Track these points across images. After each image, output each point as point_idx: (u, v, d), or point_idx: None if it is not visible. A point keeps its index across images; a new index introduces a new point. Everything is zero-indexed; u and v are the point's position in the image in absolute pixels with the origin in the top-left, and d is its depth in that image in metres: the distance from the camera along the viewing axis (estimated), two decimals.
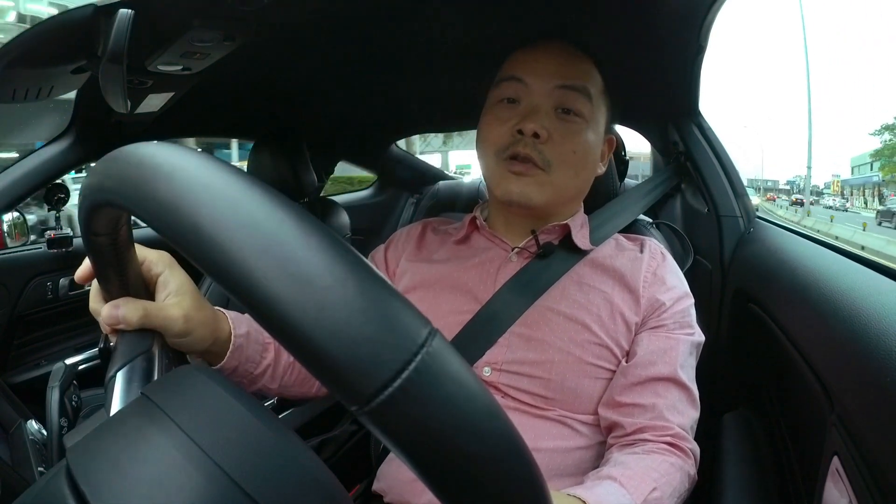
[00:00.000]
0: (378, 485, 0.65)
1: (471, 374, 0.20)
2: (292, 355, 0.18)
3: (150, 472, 0.22)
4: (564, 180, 0.62)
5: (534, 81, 0.62)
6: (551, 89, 0.61)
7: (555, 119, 0.61)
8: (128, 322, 0.39)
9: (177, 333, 0.42)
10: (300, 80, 1.01)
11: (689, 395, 0.60)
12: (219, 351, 0.50)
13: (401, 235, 0.76)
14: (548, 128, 0.60)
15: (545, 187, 0.61)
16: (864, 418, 0.40)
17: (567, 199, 0.66)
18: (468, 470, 0.18)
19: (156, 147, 0.23)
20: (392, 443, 0.18)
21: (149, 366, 0.38)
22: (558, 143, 0.61)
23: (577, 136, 0.62)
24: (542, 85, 0.61)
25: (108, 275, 0.36)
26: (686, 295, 0.65)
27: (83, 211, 0.28)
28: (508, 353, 0.61)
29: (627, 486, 0.49)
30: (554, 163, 0.61)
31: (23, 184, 0.98)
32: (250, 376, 0.55)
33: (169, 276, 0.44)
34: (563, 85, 0.61)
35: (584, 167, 0.64)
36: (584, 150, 0.62)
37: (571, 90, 0.61)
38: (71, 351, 1.35)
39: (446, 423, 0.18)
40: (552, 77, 0.61)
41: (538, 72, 0.62)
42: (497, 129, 0.62)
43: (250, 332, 0.54)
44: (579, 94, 0.62)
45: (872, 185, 31.46)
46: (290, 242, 0.19)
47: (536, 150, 0.60)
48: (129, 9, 0.54)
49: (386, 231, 1.70)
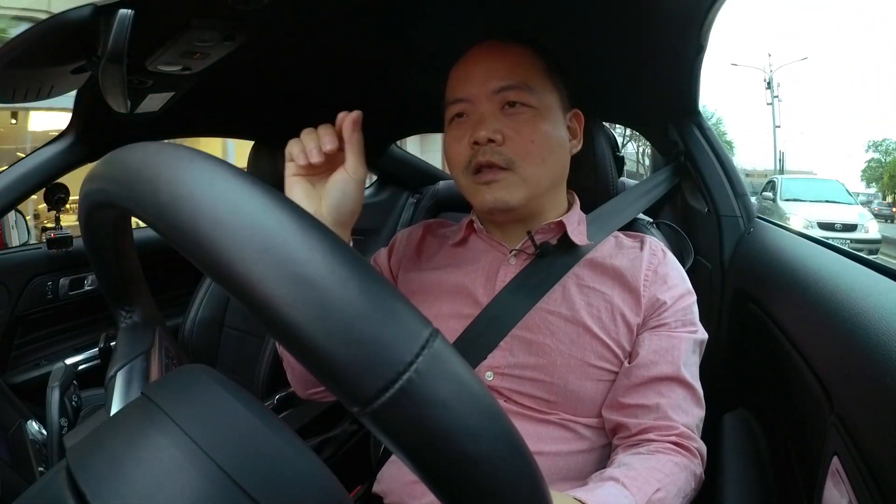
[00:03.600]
0: (378, 487, 0.65)
1: (471, 375, 0.20)
2: (293, 356, 0.18)
3: (151, 473, 0.22)
4: (533, 171, 0.62)
5: (474, 93, 0.63)
6: (490, 94, 0.62)
7: (503, 118, 0.62)
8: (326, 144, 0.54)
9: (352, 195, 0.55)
10: (300, 80, 1.01)
11: (694, 394, 0.60)
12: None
13: (402, 238, 0.76)
14: (499, 129, 0.61)
15: (517, 186, 0.62)
16: (864, 418, 0.40)
17: (546, 190, 0.65)
18: (469, 470, 0.18)
19: (156, 147, 0.23)
20: (393, 444, 0.18)
21: (149, 365, 0.38)
22: (514, 139, 0.61)
23: (529, 127, 0.62)
24: (481, 93, 0.62)
25: (109, 272, 0.36)
26: (688, 292, 0.65)
27: (83, 211, 0.28)
28: (510, 358, 0.60)
29: (630, 488, 0.49)
30: (516, 159, 0.61)
31: (23, 184, 0.98)
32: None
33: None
34: (501, 87, 0.62)
35: (548, 153, 0.63)
36: (542, 138, 0.62)
37: (510, 89, 0.62)
38: (71, 351, 1.34)
39: (447, 424, 0.18)
40: (487, 82, 0.62)
41: (473, 82, 0.63)
42: (456, 148, 0.64)
43: None
44: (519, 89, 0.62)
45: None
46: (291, 243, 0.19)
47: (496, 154, 0.61)
48: (129, 9, 0.54)
49: (386, 231, 1.70)
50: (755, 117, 38.85)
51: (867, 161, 28.54)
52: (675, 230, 0.94)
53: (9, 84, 0.68)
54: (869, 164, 28.43)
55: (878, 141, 28.11)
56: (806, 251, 0.69)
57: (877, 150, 27.82)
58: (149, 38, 0.61)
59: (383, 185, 1.78)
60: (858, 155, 30.22)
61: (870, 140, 33.96)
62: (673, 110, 0.94)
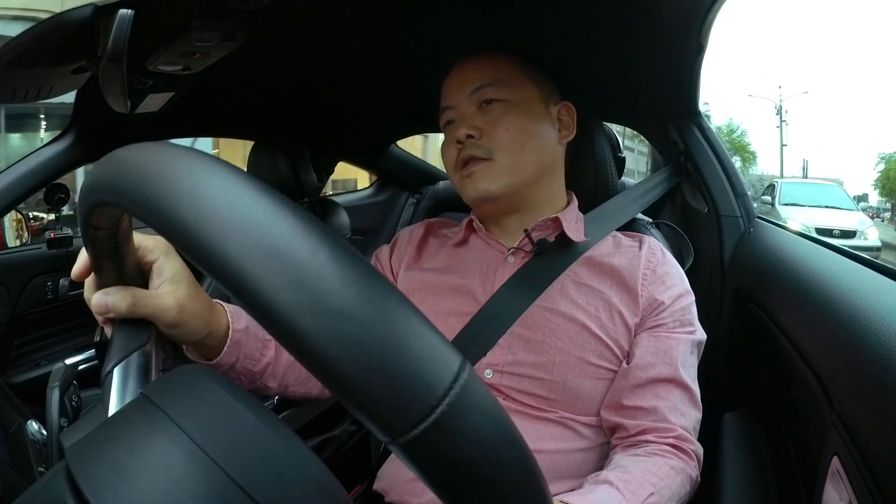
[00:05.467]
0: (378, 485, 0.65)
1: (497, 405, 0.20)
2: (327, 387, 0.18)
3: (151, 473, 0.22)
4: (512, 159, 0.65)
5: (455, 99, 0.69)
6: (468, 95, 0.67)
7: (481, 115, 0.67)
8: (116, 310, 0.37)
9: (169, 323, 0.41)
10: (300, 79, 1.01)
11: (692, 396, 0.60)
12: (215, 345, 0.49)
13: (404, 237, 0.77)
14: (476, 125, 0.65)
15: (497, 174, 0.65)
16: (864, 418, 0.40)
17: (531, 177, 0.67)
18: (490, 495, 0.19)
19: (156, 147, 0.23)
20: (423, 474, 0.19)
21: (146, 361, 0.37)
22: (490, 131, 0.65)
23: (504, 117, 0.65)
24: (461, 97, 0.68)
25: (104, 265, 0.35)
26: (686, 293, 0.65)
27: (83, 211, 0.28)
28: (509, 355, 0.61)
29: (624, 492, 0.49)
30: (494, 149, 0.65)
31: (23, 184, 0.98)
32: (249, 374, 0.54)
33: (164, 263, 0.42)
34: (476, 87, 0.67)
35: (526, 140, 0.66)
36: (517, 126, 0.65)
37: (484, 87, 0.67)
38: (71, 351, 1.34)
39: (477, 456, 0.18)
40: (465, 86, 0.68)
41: (454, 90, 0.69)
42: (447, 150, 0.69)
43: (249, 328, 0.52)
44: (493, 87, 0.66)
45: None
46: (323, 273, 0.18)
47: (476, 147, 0.65)
48: (129, 9, 0.54)
49: (386, 231, 1.70)
50: (772, 134, 41.75)
51: (879, 171, 28.93)
52: (674, 230, 0.94)
53: (9, 84, 0.68)
54: (881, 174, 28.79)
55: (888, 154, 28.65)
56: (806, 251, 0.69)
57: (887, 162, 28.21)
58: (149, 38, 0.61)
59: (383, 185, 1.78)
60: (875, 165, 31.09)
61: (880, 152, 34.57)
62: (673, 110, 0.94)
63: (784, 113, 23.93)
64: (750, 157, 29.53)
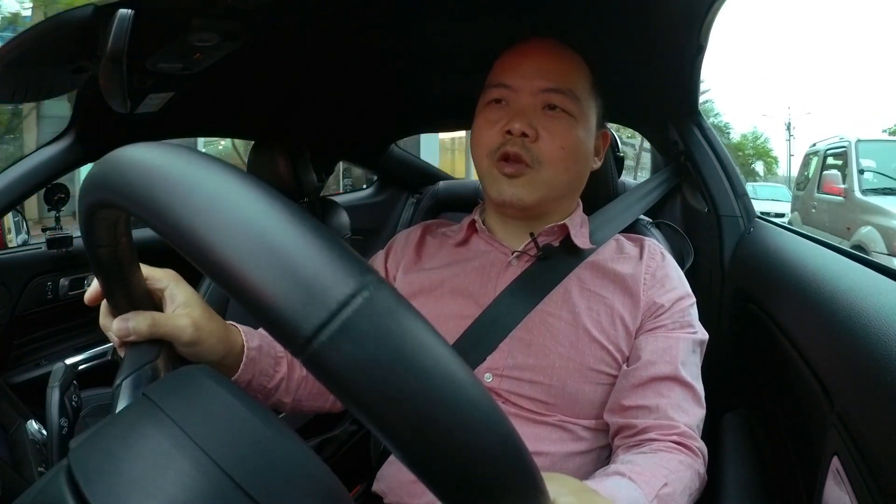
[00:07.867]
0: (378, 486, 0.65)
1: (415, 313, 0.20)
2: (237, 302, 0.19)
3: (151, 473, 0.22)
4: (554, 177, 0.62)
5: (520, 84, 0.63)
6: (536, 91, 0.62)
7: (542, 117, 0.62)
8: (138, 332, 0.40)
9: (187, 342, 0.43)
10: (300, 79, 1.01)
11: (694, 394, 0.59)
12: (231, 364, 0.52)
13: (400, 240, 0.75)
14: (535, 126, 0.61)
15: (536, 186, 0.62)
16: (864, 418, 0.40)
17: (559, 196, 0.66)
18: (412, 407, 0.18)
19: (155, 147, 0.23)
20: (334, 386, 0.18)
21: (154, 375, 0.39)
22: (546, 140, 0.61)
23: (565, 133, 0.62)
24: (528, 87, 0.62)
25: (115, 290, 0.38)
26: (686, 295, 0.65)
27: (83, 211, 0.28)
28: (509, 359, 0.60)
29: (638, 481, 0.49)
30: (543, 160, 0.61)
31: (23, 184, 0.98)
32: (264, 390, 0.56)
33: (175, 291, 0.45)
34: (548, 88, 0.62)
35: (574, 163, 0.64)
36: (572, 146, 0.63)
37: (556, 93, 0.62)
38: (71, 351, 1.34)
39: (387, 361, 0.18)
40: (537, 79, 0.62)
41: (523, 75, 0.63)
42: (487, 132, 0.64)
43: (262, 346, 0.55)
44: (565, 95, 0.62)
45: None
46: (241, 203, 0.20)
47: (525, 149, 0.61)
48: (129, 9, 0.54)
49: (386, 231, 1.70)
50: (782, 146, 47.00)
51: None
52: (675, 230, 0.94)
53: (9, 84, 0.69)
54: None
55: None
56: (806, 251, 0.69)
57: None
58: (149, 38, 0.61)
59: (383, 186, 1.78)
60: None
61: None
62: (673, 110, 0.94)
63: (792, 129, 27.13)
64: (772, 161, 30.02)
